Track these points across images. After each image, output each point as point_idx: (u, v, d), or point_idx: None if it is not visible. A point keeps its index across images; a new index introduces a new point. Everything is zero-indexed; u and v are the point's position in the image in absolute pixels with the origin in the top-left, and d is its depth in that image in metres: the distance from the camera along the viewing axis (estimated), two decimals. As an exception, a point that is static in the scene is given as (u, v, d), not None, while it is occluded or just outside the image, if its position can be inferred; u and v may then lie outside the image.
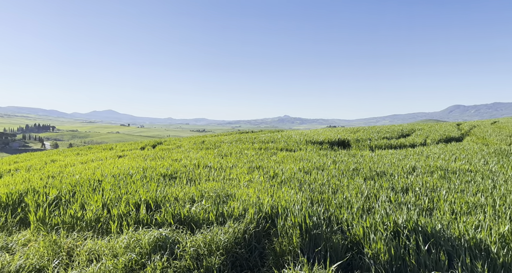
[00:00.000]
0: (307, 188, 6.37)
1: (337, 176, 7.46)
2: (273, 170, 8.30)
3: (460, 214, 4.81)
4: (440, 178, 7.11)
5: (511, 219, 4.53)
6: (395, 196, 5.62)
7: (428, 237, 4.14)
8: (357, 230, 4.44)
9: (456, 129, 22.81)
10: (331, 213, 4.98)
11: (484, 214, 4.72)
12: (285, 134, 20.64)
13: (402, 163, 9.00)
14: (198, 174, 8.35)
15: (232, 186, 6.93)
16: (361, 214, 4.82)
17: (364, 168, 8.23)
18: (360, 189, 6.15)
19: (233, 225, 4.69)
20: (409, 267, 3.88)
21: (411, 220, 4.34)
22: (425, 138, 16.45)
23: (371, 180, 6.99)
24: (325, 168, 8.55)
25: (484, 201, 5.26)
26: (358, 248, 4.38)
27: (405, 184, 6.53)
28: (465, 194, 5.79)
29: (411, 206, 5.21)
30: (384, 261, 3.98)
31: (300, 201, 5.25)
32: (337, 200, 5.44)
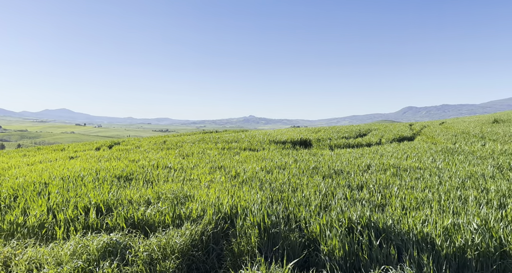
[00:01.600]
0: (268, 187, 6.37)
1: (298, 175, 7.56)
2: (235, 170, 8.22)
3: (409, 210, 5.06)
4: (393, 175, 7.47)
5: (454, 213, 4.84)
6: (351, 193, 5.79)
7: (380, 232, 4.29)
8: (314, 228, 4.50)
9: (408, 129, 24.27)
10: (290, 211, 5.01)
11: (431, 209, 5.00)
12: (249, 134, 20.67)
13: (358, 161, 9.35)
14: (157, 175, 8.05)
15: (192, 187, 6.75)
16: (318, 212, 4.90)
17: (323, 167, 8.43)
18: (319, 187, 6.27)
19: (190, 227, 4.55)
20: (362, 262, 4.00)
21: (365, 216, 4.48)
22: (380, 137, 17.30)
23: (329, 178, 7.16)
24: (286, 167, 8.64)
25: (431, 197, 5.58)
26: (314, 245, 4.44)
27: (360, 182, 6.77)
28: (414, 190, 6.11)
29: (365, 202, 5.39)
30: (338, 257, 4.06)
31: (260, 201, 5.23)
32: (297, 198, 5.49)
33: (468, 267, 3.76)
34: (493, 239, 3.85)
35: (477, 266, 3.74)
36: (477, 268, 3.74)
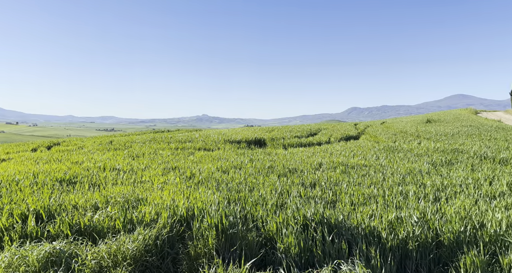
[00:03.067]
0: (225, 188, 6.34)
1: (254, 174, 7.63)
2: (190, 171, 8.04)
3: (358, 205, 5.37)
4: (342, 172, 7.88)
5: (396, 207, 5.24)
6: (304, 191, 5.99)
7: (332, 228, 4.50)
8: (271, 226, 4.58)
9: (354, 128, 25.80)
10: (247, 211, 5.03)
11: (377, 204, 5.36)
12: (203, 133, 20.35)
13: (310, 160, 9.72)
14: (104, 177, 7.56)
15: (144, 190, 6.45)
16: (275, 210, 4.99)
17: (278, 166, 8.61)
18: (275, 186, 6.39)
19: (144, 232, 4.35)
20: (316, 257, 4.16)
21: (318, 213, 4.67)
22: (329, 136, 18.17)
23: (284, 177, 7.34)
24: (242, 167, 8.67)
25: (376, 192, 5.99)
26: (271, 244, 4.52)
27: (313, 180, 7.03)
28: (361, 187, 6.51)
29: (318, 199, 5.62)
30: (294, 254, 4.18)
31: (217, 202, 5.17)
32: (253, 198, 5.54)
33: (409, 258, 4.10)
34: (430, 231, 4.24)
35: (417, 256, 4.10)
36: (417, 258, 4.10)
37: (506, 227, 4.13)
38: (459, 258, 3.82)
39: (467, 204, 5.15)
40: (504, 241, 3.93)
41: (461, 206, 5.05)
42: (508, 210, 4.83)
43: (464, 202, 5.28)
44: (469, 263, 3.66)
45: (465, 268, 3.69)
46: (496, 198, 5.70)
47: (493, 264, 3.73)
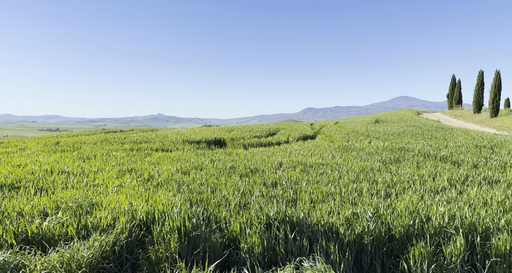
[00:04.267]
0: (186, 189, 6.21)
1: (216, 175, 7.57)
2: (148, 173, 7.75)
3: (317, 203, 5.58)
4: (301, 171, 8.13)
5: (352, 204, 5.54)
6: (266, 191, 6.09)
7: (294, 226, 4.63)
8: (235, 227, 4.59)
9: (310, 128, 26.72)
10: (210, 212, 4.99)
11: (334, 201, 5.62)
12: (160, 134, 19.70)
13: (271, 159, 9.88)
14: (52, 181, 7.01)
15: (98, 193, 6.10)
16: (238, 211, 5.00)
17: (240, 166, 8.64)
18: (237, 186, 6.41)
19: (100, 238, 4.12)
20: (279, 255, 4.25)
21: (281, 212, 4.77)
22: (288, 136, 18.61)
23: (246, 177, 7.38)
24: (203, 168, 8.55)
25: (334, 190, 6.27)
26: (235, 244, 4.53)
27: (274, 179, 7.17)
28: (320, 185, 6.78)
29: (280, 198, 5.74)
30: (258, 253, 4.23)
31: (179, 204, 5.06)
32: (216, 198, 5.50)
33: (365, 251, 4.36)
34: (383, 225, 4.55)
35: (372, 250, 4.37)
36: (371, 252, 4.37)
37: (448, 219, 4.56)
38: (409, 250, 4.14)
39: (415, 199, 5.60)
40: (447, 232, 4.35)
41: (410, 201, 5.47)
42: (449, 204, 5.34)
43: (412, 197, 5.73)
44: (418, 254, 3.99)
45: (414, 259, 4.02)
46: (439, 192, 6.27)
47: (437, 254, 4.10)
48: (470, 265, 4.09)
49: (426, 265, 3.91)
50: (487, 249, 4.09)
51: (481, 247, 4.13)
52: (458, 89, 50.62)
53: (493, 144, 13.36)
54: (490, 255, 4.03)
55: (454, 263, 3.93)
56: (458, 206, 5.18)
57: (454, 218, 4.62)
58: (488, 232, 4.32)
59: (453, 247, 4.02)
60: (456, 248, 4.01)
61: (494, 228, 4.36)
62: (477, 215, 4.71)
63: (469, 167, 8.77)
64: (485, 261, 4.03)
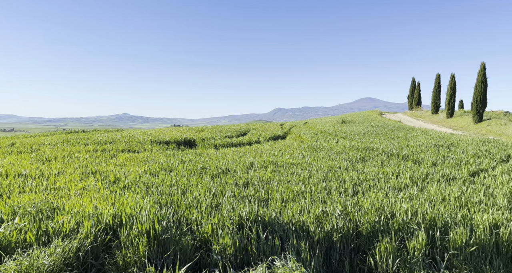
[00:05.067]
0: (155, 191, 6.04)
1: (186, 176, 7.43)
2: (113, 175, 7.44)
3: (288, 202, 5.66)
4: (273, 171, 8.20)
5: (322, 202, 5.67)
6: (238, 191, 6.07)
7: (266, 225, 4.66)
8: (206, 228, 4.54)
9: (280, 128, 27.05)
10: (180, 214, 4.89)
11: (305, 200, 5.73)
12: (126, 134, 19.00)
13: (242, 159, 9.88)
14: (8, 185, 6.53)
15: (59, 197, 5.77)
16: (210, 212, 4.95)
17: (211, 166, 8.54)
18: (208, 187, 6.33)
19: (62, 244, 3.90)
20: (251, 255, 4.26)
21: (253, 212, 4.78)
22: (258, 136, 18.71)
23: (217, 178, 7.32)
24: (173, 169, 8.36)
25: (304, 189, 6.39)
26: (207, 246, 4.48)
27: (246, 179, 7.17)
28: (291, 184, 6.88)
29: (251, 198, 5.76)
30: (230, 254, 4.21)
31: (147, 206, 4.90)
32: (187, 200, 5.40)
33: (334, 248, 4.49)
34: (351, 222, 4.71)
35: (341, 247, 4.51)
36: (340, 248, 4.51)
37: (411, 215, 4.81)
38: (375, 246, 4.32)
39: (380, 197, 5.84)
40: (410, 228, 4.58)
41: (375, 199, 5.71)
42: (412, 201, 5.63)
43: (377, 194, 5.98)
44: (383, 250, 4.17)
45: (380, 255, 4.20)
46: (402, 190, 6.59)
47: (401, 249, 4.31)
48: (430, 258, 4.34)
49: (391, 260, 4.10)
50: (446, 243, 4.37)
51: (440, 241, 4.40)
52: (417, 91, 53.60)
53: (449, 143, 14.28)
54: (448, 248, 4.31)
55: (416, 257, 4.15)
56: (420, 203, 5.48)
57: (416, 214, 4.88)
58: (447, 226, 4.61)
59: (416, 242, 4.25)
60: (418, 242, 4.24)
61: (452, 223, 4.66)
62: (436, 211, 5.02)
63: (429, 165, 9.31)
64: (444, 254, 4.30)
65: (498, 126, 28.39)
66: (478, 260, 4.22)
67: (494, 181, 7.47)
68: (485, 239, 4.34)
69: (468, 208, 5.33)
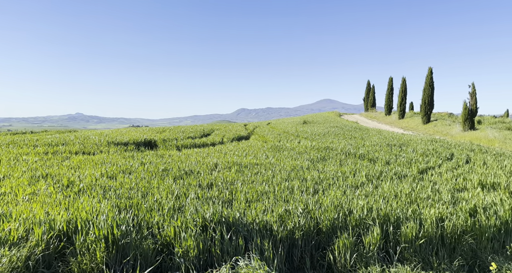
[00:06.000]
0: (113, 195, 5.79)
1: (147, 178, 7.20)
2: (67, 178, 7.01)
3: (252, 202, 5.72)
4: (237, 172, 8.23)
5: (285, 201, 5.81)
6: (202, 193, 6.02)
7: (230, 226, 4.68)
8: (168, 231, 4.45)
9: (244, 129, 27.16)
10: (141, 218, 4.74)
11: (268, 200, 5.83)
12: (80, 135, 17.93)
13: (206, 160, 9.79)
14: None
15: (5, 203, 5.32)
16: (172, 215, 4.85)
17: (174, 168, 8.36)
18: (171, 189, 6.20)
19: (9, 253, 3.63)
20: (215, 257, 4.26)
21: (217, 213, 4.78)
22: (222, 137, 18.63)
23: (180, 180, 7.18)
24: (132, 171, 8.06)
25: (268, 189, 6.50)
26: (169, 249, 4.39)
27: (210, 180, 7.12)
28: (255, 184, 6.95)
29: (215, 200, 5.73)
30: (193, 256, 4.18)
31: (105, 211, 4.69)
32: (148, 203, 5.25)
33: (296, 246, 4.63)
34: (312, 220, 4.88)
35: (302, 244, 4.66)
36: (302, 246, 4.65)
37: (366, 211, 5.10)
38: (334, 242, 4.52)
39: (339, 194, 6.11)
40: (366, 223, 4.85)
41: (334, 196, 5.96)
42: (367, 197, 5.96)
43: (336, 192, 6.25)
44: (342, 245, 4.38)
45: (338, 250, 4.40)
46: (358, 187, 6.95)
47: (358, 244, 4.56)
48: (384, 251, 4.63)
49: (349, 255, 4.32)
50: (398, 237, 4.69)
51: (393, 235, 4.72)
52: (372, 93, 56.64)
53: (401, 143, 15.28)
54: (400, 242, 4.63)
55: (372, 251, 4.41)
56: (375, 199, 5.82)
57: (371, 210, 5.18)
58: (399, 221, 4.95)
59: (371, 237, 4.51)
60: (374, 237, 4.51)
61: (403, 218, 5.01)
62: (389, 207, 5.36)
63: (382, 163, 9.90)
64: (396, 247, 4.61)
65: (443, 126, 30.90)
66: (426, 252, 4.58)
67: (440, 177, 8.14)
68: (432, 232, 4.73)
69: (417, 204, 5.75)
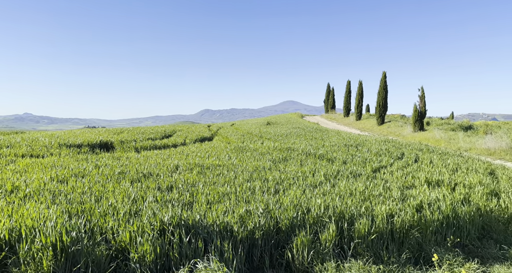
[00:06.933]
0: (64, 200, 5.44)
1: (101, 182, 6.86)
2: (11, 183, 6.47)
3: (213, 203, 5.68)
4: (198, 173, 8.12)
5: (246, 202, 5.84)
6: (161, 195, 5.86)
7: (189, 229, 4.61)
8: (123, 236, 4.29)
9: (207, 130, 26.87)
10: (94, 223, 4.51)
11: (230, 201, 5.83)
12: (28, 137, 16.61)
13: (166, 162, 9.54)
14: None
15: None
16: (128, 219, 4.67)
17: (131, 171, 8.05)
18: (127, 193, 5.97)
19: None
20: (173, 260, 4.18)
21: (176, 216, 4.68)
22: (184, 138, 18.28)
23: (138, 182, 6.94)
24: (86, 174, 7.63)
25: (229, 190, 6.49)
26: (124, 255, 4.23)
27: (170, 183, 6.96)
28: (217, 186, 6.91)
29: (175, 202, 5.62)
30: (150, 261, 4.07)
31: (54, 217, 4.40)
32: (102, 208, 5.00)
33: (256, 246, 4.68)
34: (272, 219, 4.96)
35: (262, 244, 4.72)
36: (261, 245, 4.71)
37: (323, 209, 5.29)
38: (293, 240, 4.63)
39: (298, 194, 6.27)
40: (322, 221, 5.03)
41: (294, 196, 6.11)
42: (325, 196, 6.18)
43: (296, 192, 6.41)
44: (300, 243, 4.50)
45: (296, 248, 4.52)
46: (317, 186, 7.18)
47: (315, 241, 4.71)
48: (339, 247, 4.84)
49: (306, 252, 4.45)
50: (352, 233, 4.92)
51: (347, 232, 4.94)
52: (332, 95, 58.83)
53: (357, 143, 16.03)
54: (354, 238, 4.86)
55: (327, 247, 4.59)
56: (332, 198, 6.05)
57: (328, 208, 5.38)
58: (353, 218, 5.19)
59: (327, 234, 4.69)
60: (329, 234, 4.69)
61: (357, 214, 5.26)
62: (345, 204, 5.61)
63: (340, 163, 10.32)
64: (350, 243, 4.83)
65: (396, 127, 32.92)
66: (377, 246, 4.86)
67: (391, 176, 8.66)
68: (383, 228, 5.02)
69: (370, 201, 6.07)
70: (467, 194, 6.72)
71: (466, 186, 7.52)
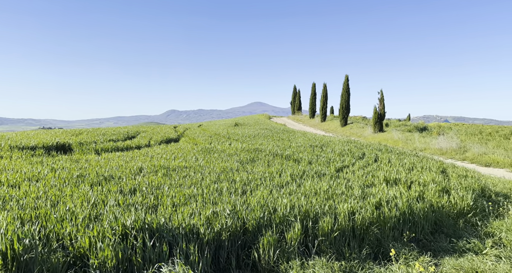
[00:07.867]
0: (15, 205, 5.07)
1: (58, 186, 6.47)
2: (-48, 188, 5.91)
3: (179, 206, 5.58)
4: (164, 176, 7.93)
5: (213, 203, 5.80)
6: (123, 199, 5.65)
7: (153, 232, 4.49)
8: (82, 242, 4.09)
9: (174, 131, 26.30)
10: (50, 230, 4.25)
11: (196, 203, 5.75)
12: (-27, 137, 15.27)
13: (129, 165, 9.21)
14: None
15: None
16: (87, 224, 4.46)
17: (91, 174, 7.67)
18: (87, 197, 5.68)
19: None
20: (136, 265, 4.05)
21: (139, 219, 4.54)
22: (149, 139, 17.74)
23: (98, 186, 6.63)
24: (40, 178, 7.15)
25: (196, 192, 6.41)
26: (83, 261, 4.04)
27: (133, 185, 6.72)
28: (183, 188, 6.79)
29: (138, 206, 5.44)
30: (111, 267, 3.92)
31: (4, 224, 4.09)
32: (58, 213, 4.73)
33: (223, 247, 4.66)
34: (239, 220, 4.97)
35: (229, 245, 4.71)
36: (228, 246, 4.71)
37: (289, 209, 5.39)
38: (259, 240, 4.67)
39: (265, 194, 6.34)
40: (288, 220, 5.13)
41: (261, 196, 6.17)
42: (291, 196, 6.31)
43: (263, 192, 6.47)
44: (266, 243, 4.55)
45: (263, 248, 4.57)
46: (283, 186, 7.30)
47: (281, 240, 4.79)
48: (304, 246, 4.96)
49: (272, 251, 4.51)
50: (316, 231, 5.06)
51: (312, 230, 5.08)
52: (298, 97, 60.12)
53: (322, 144, 16.52)
54: (318, 235, 5.00)
55: (293, 246, 4.68)
56: (297, 197, 6.19)
57: (294, 207, 5.50)
58: (317, 216, 5.35)
59: (293, 233, 4.79)
60: (295, 233, 4.79)
61: (321, 213, 5.43)
62: (310, 203, 5.76)
63: (305, 163, 10.57)
64: (314, 241, 4.97)
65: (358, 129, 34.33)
66: (340, 243, 5.04)
67: (353, 175, 9.03)
68: (345, 225, 5.22)
69: (333, 199, 6.29)
70: (421, 191, 7.17)
71: (421, 184, 8.03)
